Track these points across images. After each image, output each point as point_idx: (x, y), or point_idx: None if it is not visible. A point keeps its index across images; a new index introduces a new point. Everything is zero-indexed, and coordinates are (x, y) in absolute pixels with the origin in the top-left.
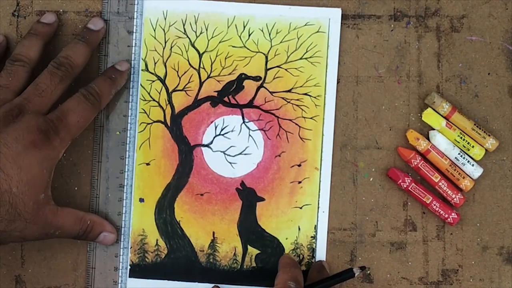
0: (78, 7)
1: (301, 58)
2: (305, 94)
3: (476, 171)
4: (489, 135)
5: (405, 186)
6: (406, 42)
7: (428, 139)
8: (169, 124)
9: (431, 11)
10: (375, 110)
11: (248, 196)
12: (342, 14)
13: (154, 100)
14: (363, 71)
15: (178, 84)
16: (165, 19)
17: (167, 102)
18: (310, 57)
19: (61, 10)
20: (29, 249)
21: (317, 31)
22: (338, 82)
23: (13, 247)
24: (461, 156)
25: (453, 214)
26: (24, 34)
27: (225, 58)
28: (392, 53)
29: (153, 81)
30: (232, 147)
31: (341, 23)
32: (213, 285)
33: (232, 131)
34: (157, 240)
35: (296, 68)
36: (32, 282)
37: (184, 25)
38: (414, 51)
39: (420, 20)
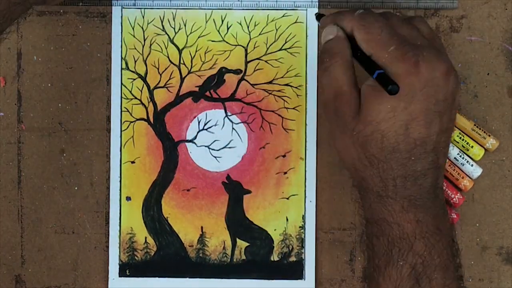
0: (78, 7)
1: (280, 49)
2: (286, 84)
3: (475, 171)
4: (489, 135)
5: None
6: None
7: None
8: (152, 121)
9: (431, 11)
10: None
11: (234, 189)
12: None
13: (136, 98)
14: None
15: (159, 81)
16: (143, 17)
17: (149, 100)
18: (290, 48)
19: (61, 11)
20: (29, 249)
21: (295, 22)
22: None
23: (13, 247)
24: (460, 156)
25: (452, 214)
26: (25, 34)
27: (205, 53)
28: None
29: (134, 79)
30: (216, 141)
31: None
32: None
33: (215, 125)
34: (145, 237)
35: (276, 60)
36: (32, 282)
37: (162, 22)
38: None
39: None
